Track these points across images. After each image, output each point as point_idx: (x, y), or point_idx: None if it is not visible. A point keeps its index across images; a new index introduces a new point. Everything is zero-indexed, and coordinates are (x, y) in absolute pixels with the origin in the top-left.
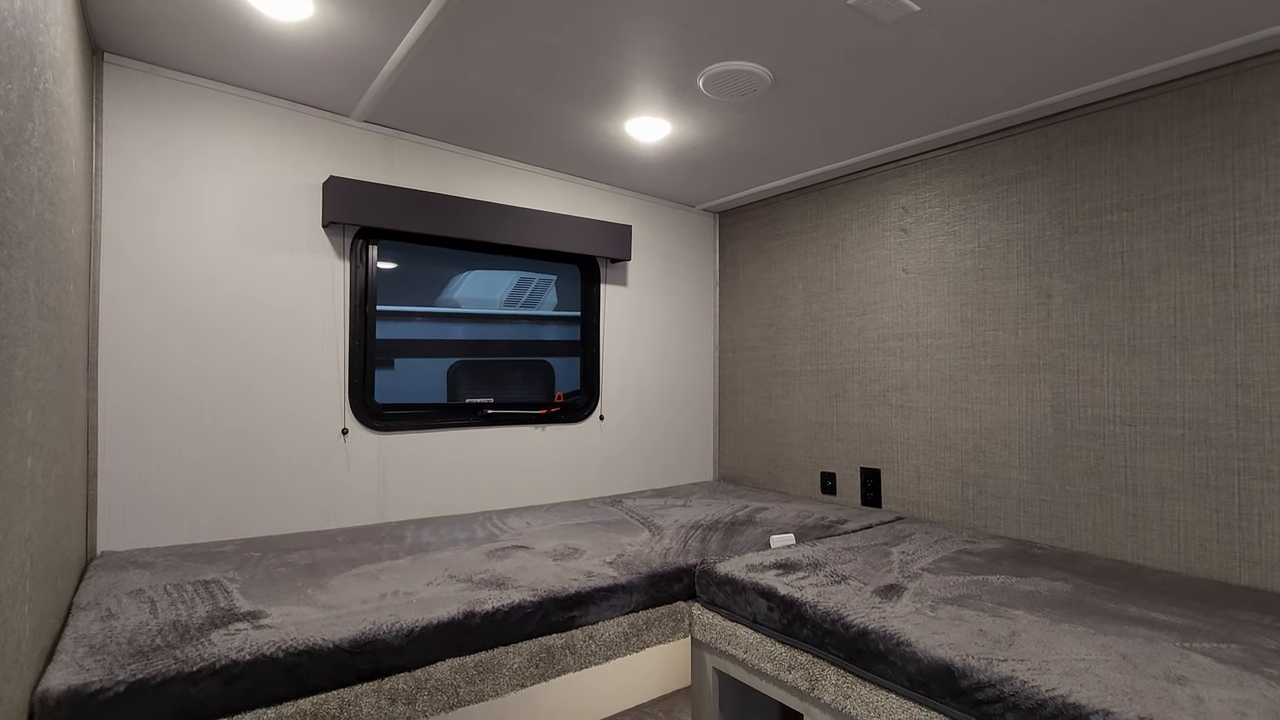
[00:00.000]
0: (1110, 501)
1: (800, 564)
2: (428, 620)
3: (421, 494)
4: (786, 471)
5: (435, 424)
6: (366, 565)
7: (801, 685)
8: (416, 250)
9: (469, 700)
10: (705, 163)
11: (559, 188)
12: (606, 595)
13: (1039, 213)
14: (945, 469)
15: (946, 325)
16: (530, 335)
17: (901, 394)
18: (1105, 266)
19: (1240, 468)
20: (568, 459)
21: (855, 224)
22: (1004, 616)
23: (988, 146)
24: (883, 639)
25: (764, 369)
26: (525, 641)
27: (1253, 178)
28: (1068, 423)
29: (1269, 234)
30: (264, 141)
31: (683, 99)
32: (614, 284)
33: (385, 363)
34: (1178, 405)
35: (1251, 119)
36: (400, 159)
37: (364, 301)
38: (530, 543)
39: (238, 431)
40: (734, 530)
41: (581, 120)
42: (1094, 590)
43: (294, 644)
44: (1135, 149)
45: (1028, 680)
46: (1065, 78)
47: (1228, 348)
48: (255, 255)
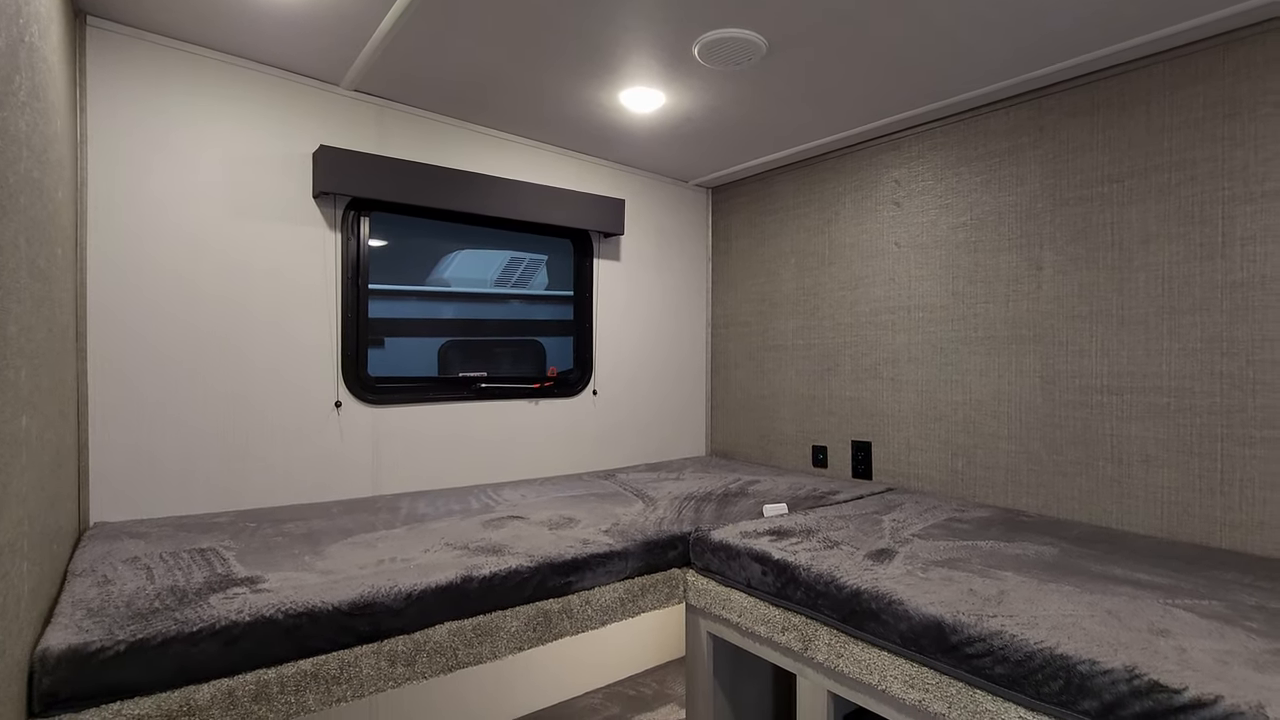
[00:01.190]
0: (1096, 469)
1: (793, 531)
2: (426, 584)
3: (416, 467)
4: (779, 445)
5: (429, 398)
6: (363, 534)
7: (795, 646)
8: (407, 227)
9: (468, 662)
10: (699, 136)
11: (552, 161)
12: (602, 561)
13: (1031, 185)
14: (935, 440)
15: (938, 298)
16: (522, 315)
17: (893, 367)
18: (1095, 238)
19: (1223, 434)
20: (561, 433)
21: (848, 198)
22: (993, 577)
23: (981, 119)
24: (875, 598)
25: (756, 344)
26: (522, 606)
27: (1242, 147)
28: (1056, 393)
29: (1256, 203)
30: (253, 109)
31: (678, 68)
32: (607, 259)
33: (376, 341)
34: (1164, 374)
35: (1242, 89)
36: (391, 129)
37: (356, 274)
38: (525, 513)
39: (230, 403)
40: (727, 501)
41: (575, 91)
42: (1080, 553)
43: (293, 606)
44: (1127, 120)
45: (1017, 634)
46: (1059, 48)
47: (1214, 316)
48: (245, 225)
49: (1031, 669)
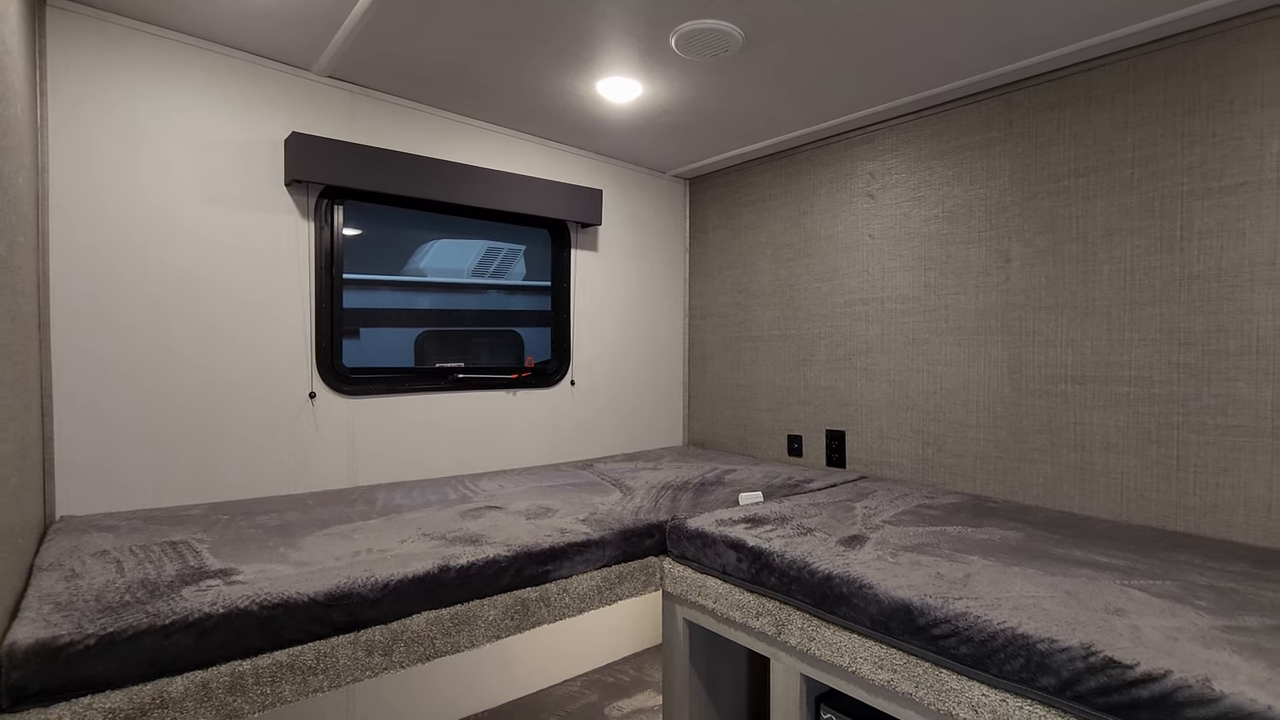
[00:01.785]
0: (1060, 457)
1: (768, 518)
2: (403, 574)
3: (392, 458)
4: (755, 435)
5: (405, 388)
6: (338, 526)
7: (769, 630)
8: (382, 216)
9: (445, 651)
10: (676, 126)
11: (529, 151)
12: (580, 550)
13: (1001, 179)
14: (907, 429)
15: (910, 289)
16: (499, 305)
17: (866, 357)
18: (1061, 231)
19: (1180, 422)
20: (539, 424)
21: (823, 190)
22: (959, 561)
23: (953, 113)
24: (846, 583)
25: (733, 334)
26: (500, 595)
27: (1200, 144)
28: (1023, 382)
29: (1213, 199)
30: (221, 94)
31: (655, 58)
32: (584, 249)
33: (351, 332)
34: (1125, 364)
35: (1202, 87)
36: (365, 117)
37: (330, 263)
38: (503, 503)
39: (201, 395)
40: (704, 490)
41: (552, 79)
42: (1043, 538)
43: (268, 598)
44: (1093, 115)
45: (981, 615)
46: (1028, 44)
47: (1172, 308)
48: (215, 213)
49: (994, 649)
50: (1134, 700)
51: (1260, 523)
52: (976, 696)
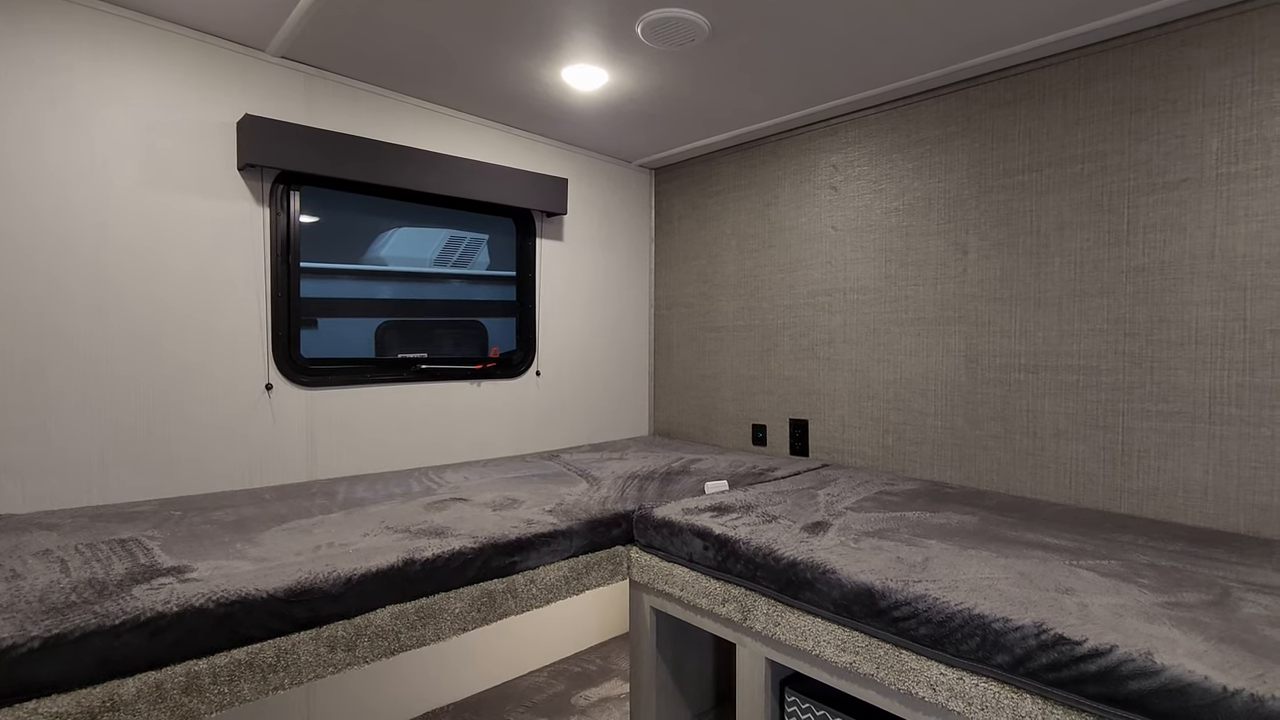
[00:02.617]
0: (1013, 443)
1: (734, 507)
2: (366, 568)
3: (353, 451)
4: (719, 425)
5: (366, 379)
6: (298, 520)
7: (735, 617)
8: (340, 203)
9: (410, 645)
10: (642, 116)
11: (494, 138)
12: (547, 541)
13: (958, 172)
14: (868, 418)
15: (872, 281)
16: (463, 295)
17: (829, 347)
18: (1016, 224)
19: (1124, 409)
20: (504, 415)
21: (787, 182)
22: (919, 546)
23: (913, 107)
24: (810, 568)
25: (698, 324)
26: (466, 587)
27: (1146, 141)
28: (979, 371)
29: (1157, 194)
30: (168, 73)
31: (621, 46)
32: (550, 238)
33: (309, 322)
34: (1075, 353)
35: (1146, 87)
36: (321, 100)
37: (286, 251)
38: (468, 495)
39: (148, 386)
40: (670, 479)
41: (517, 65)
42: (997, 521)
43: (224, 595)
44: (1046, 112)
45: (939, 597)
46: (987, 40)
47: (1118, 299)
48: (163, 196)
49: (952, 629)
50: (1082, 674)
51: (1197, 505)
52: (935, 675)
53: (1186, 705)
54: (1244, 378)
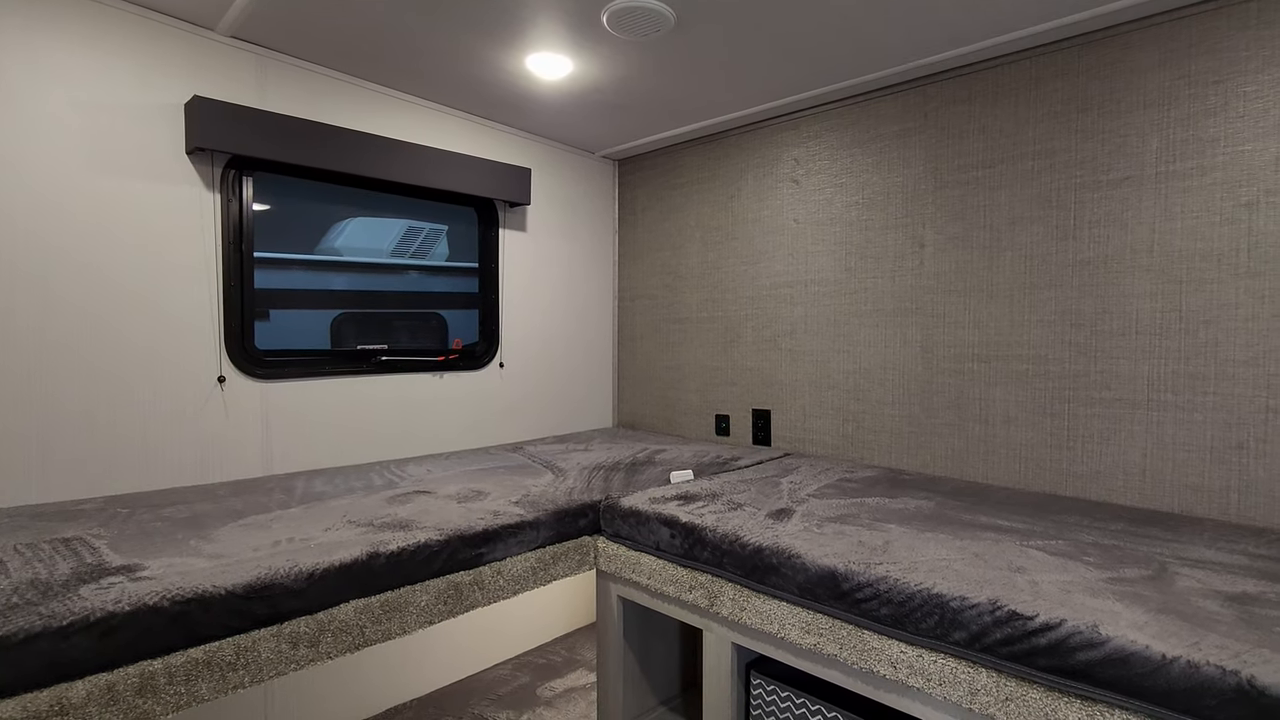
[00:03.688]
0: (967, 430)
1: (699, 495)
2: (329, 563)
3: (311, 444)
4: (683, 415)
5: (324, 371)
6: (255, 516)
7: (701, 603)
8: (293, 190)
9: (375, 639)
10: (606, 106)
11: (455, 126)
12: (514, 532)
13: (916, 168)
14: (828, 407)
15: (832, 273)
16: (422, 287)
17: (791, 338)
18: (970, 219)
19: (1071, 396)
20: (467, 407)
21: (750, 175)
22: (879, 530)
23: (873, 103)
24: (776, 554)
25: (662, 316)
26: (432, 580)
27: (1092, 140)
28: (934, 361)
29: (1102, 191)
30: (111, 51)
31: (586, 35)
32: (513, 229)
33: (260, 314)
34: (1025, 343)
35: (1093, 87)
36: (276, 83)
37: (239, 238)
38: (432, 488)
39: (93, 378)
40: (635, 470)
41: (479, 52)
42: (953, 505)
43: (180, 593)
44: (999, 110)
45: (899, 578)
46: (943, 39)
47: (1066, 292)
48: (105, 182)
49: (912, 608)
50: (1034, 648)
51: (1136, 486)
52: (895, 654)
53: (1129, 673)
54: (1179, 366)
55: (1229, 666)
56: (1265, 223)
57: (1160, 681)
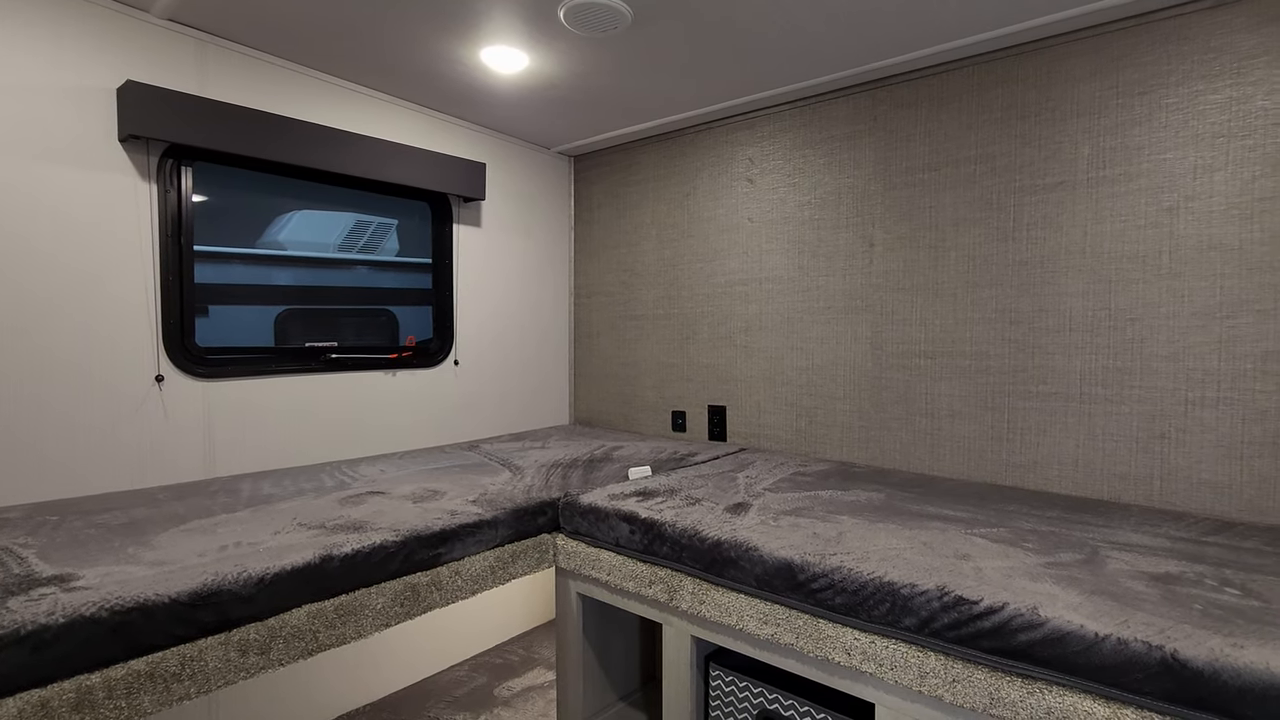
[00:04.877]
0: (914, 424)
1: (658, 491)
2: (280, 567)
3: (257, 445)
4: (640, 412)
5: (271, 370)
6: (199, 520)
7: (661, 598)
8: (234, 182)
9: (329, 644)
10: (563, 102)
11: (408, 119)
12: (472, 531)
13: (866, 169)
14: (782, 403)
15: (786, 271)
16: (371, 282)
17: (746, 335)
18: (917, 219)
19: (1010, 390)
20: (421, 405)
21: (706, 173)
22: (832, 522)
23: (825, 105)
24: (734, 547)
25: (619, 313)
26: (389, 581)
27: (1030, 146)
28: (884, 358)
29: (1039, 195)
30: (35, 31)
31: (542, 29)
32: (467, 224)
33: (199, 310)
34: (967, 340)
35: (1030, 95)
36: (217, 69)
37: (178, 231)
38: (386, 488)
39: (17, 377)
40: (593, 467)
41: (433, 43)
42: (901, 497)
43: (119, 602)
44: (944, 115)
45: (853, 568)
46: (892, 45)
47: (1005, 290)
48: (31, 168)
49: (865, 596)
50: (979, 631)
51: (1070, 475)
52: (849, 641)
53: (1065, 652)
54: (1108, 361)
55: (1154, 642)
56: (1185, 227)
57: (1094, 658)
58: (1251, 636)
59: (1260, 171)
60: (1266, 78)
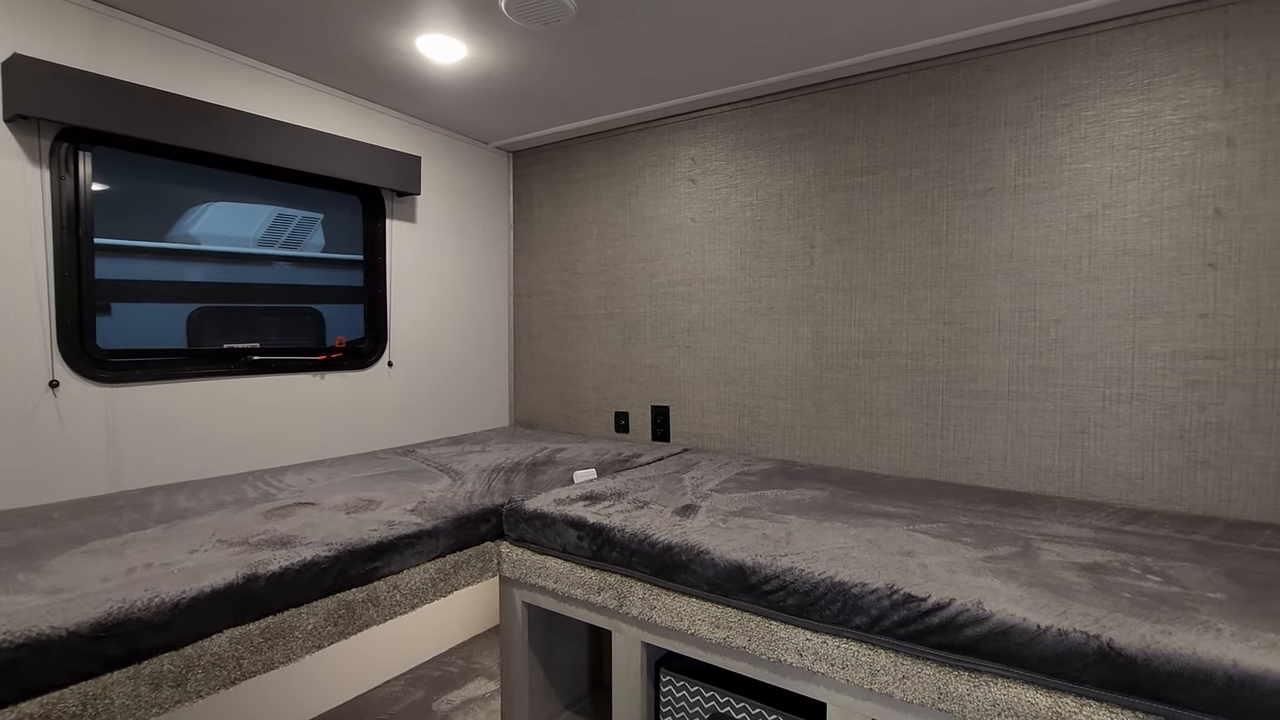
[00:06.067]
0: (853, 422)
1: (605, 495)
2: (198, 590)
3: (170, 455)
4: (582, 413)
5: (185, 373)
6: (101, 540)
7: (610, 604)
8: (140, 170)
9: (255, 671)
10: (502, 95)
11: (338, 108)
12: (411, 543)
13: (806, 172)
14: (725, 403)
15: (728, 272)
16: (296, 280)
17: (688, 335)
18: (856, 222)
19: (943, 389)
20: (353, 409)
21: (648, 172)
22: (780, 522)
23: (766, 107)
24: (685, 550)
25: (560, 313)
26: (321, 600)
27: (961, 153)
28: (824, 357)
29: (970, 200)
30: None
31: (483, 19)
32: (401, 220)
33: (101, 308)
34: (904, 340)
35: (961, 104)
36: (117, 45)
37: (75, 222)
38: (316, 499)
39: None
40: (536, 470)
41: (366, 28)
42: (844, 494)
43: (7, 638)
44: (880, 120)
45: (804, 568)
46: (832, 48)
47: (939, 292)
48: None
49: (816, 597)
50: (927, 627)
51: (999, 470)
52: (801, 641)
53: (1010, 645)
54: (1034, 360)
55: (1091, 631)
56: (1103, 233)
57: (1036, 650)
58: (1177, 623)
59: (1168, 182)
60: (1174, 94)
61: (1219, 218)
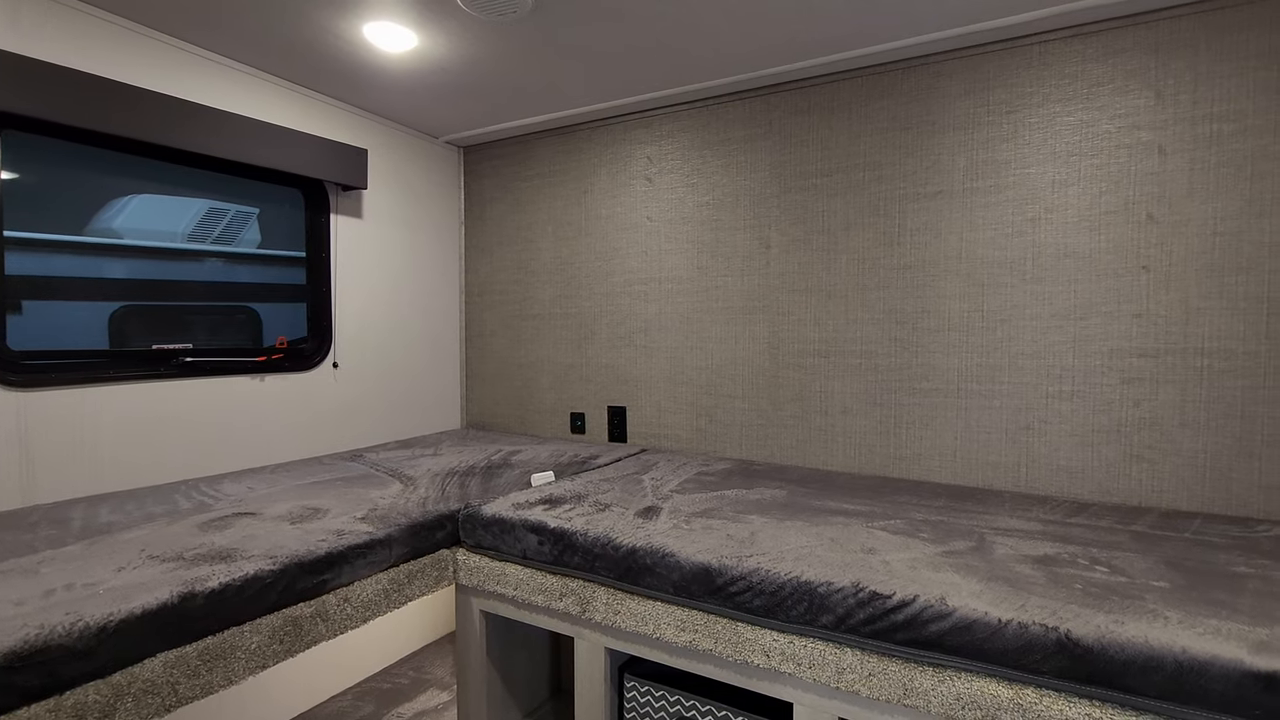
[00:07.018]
0: (809, 421)
1: (564, 498)
2: (127, 611)
3: (92, 465)
4: (537, 414)
5: (107, 376)
6: (14, 560)
7: (573, 610)
8: (55, 157)
9: (193, 696)
10: (453, 88)
11: (278, 96)
12: (363, 553)
13: (762, 172)
14: (682, 403)
15: (685, 271)
16: (230, 277)
17: (645, 335)
18: (811, 223)
19: (896, 387)
20: (296, 412)
21: (604, 170)
22: (743, 522)
23: (722, 107)
24: (650, 554)
25: (513, 312)
26: (265, 616)
27: (912, 156)
28: (780, 357)
29: (920, 203)
30: None
31: (434, 8)
32: (347, 215)
33: (11, 306)
34: (858, 339)
35: (912, 108)
36: (32, 20)
37: None
38: (257, 508)
39: None
40: (492, 474)
41: (308, 12)
42: (803, 493)
43: None
44: (834, 122)
45: (770, 569)
46: (786, 51)
47: (891, 293)
48: None
49: (783, 597)
50: (892, 624)
51: (950, 466)
52: (768, 643)
53: (973, 639)
54: (982, 359)
55: (1049, 624)
56: (1046, 236)
57: (998, 643)
58: (1128, 612)
59: (1105, 188)
60: (1110, 103)
61: (1151, 223)
